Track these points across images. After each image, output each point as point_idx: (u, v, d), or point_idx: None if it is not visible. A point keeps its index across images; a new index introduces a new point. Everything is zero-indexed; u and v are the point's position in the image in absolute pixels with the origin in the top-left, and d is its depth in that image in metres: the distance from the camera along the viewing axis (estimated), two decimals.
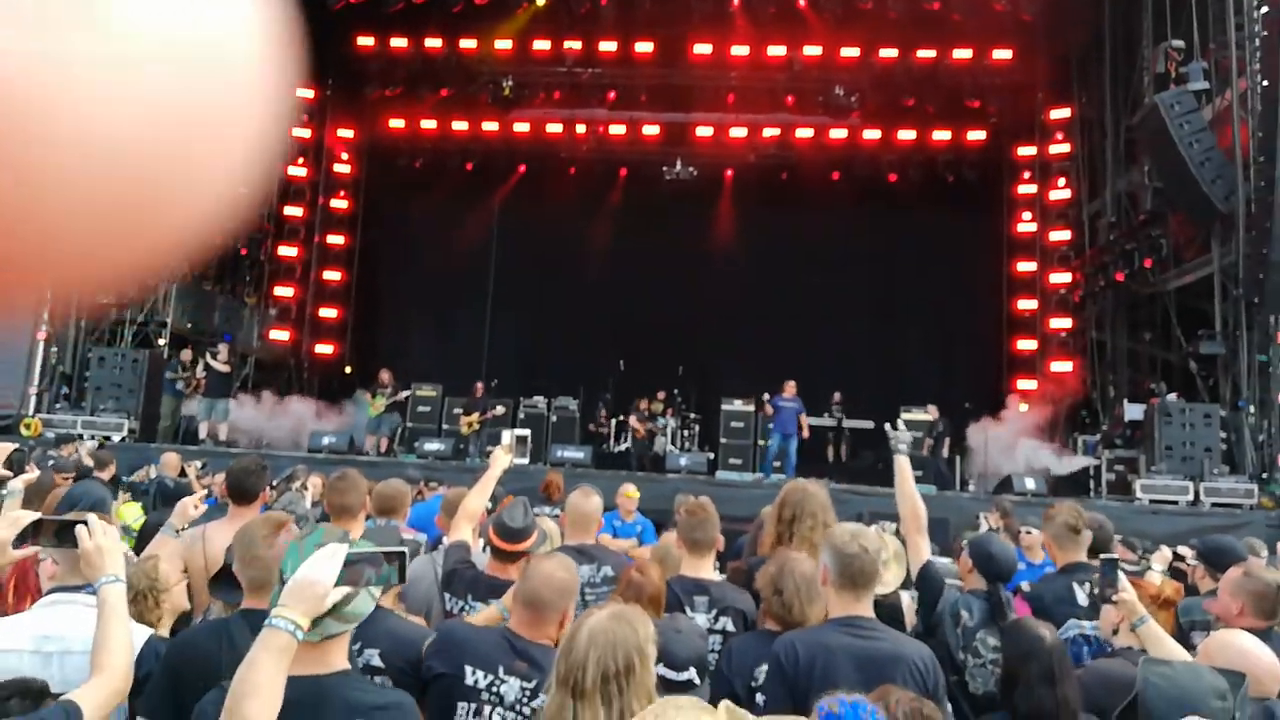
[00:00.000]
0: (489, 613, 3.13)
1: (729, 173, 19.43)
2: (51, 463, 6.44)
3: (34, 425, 13.00)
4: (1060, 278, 17.42)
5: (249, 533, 2.69)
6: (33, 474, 4.40)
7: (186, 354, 14.71)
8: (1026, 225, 18.20)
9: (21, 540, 2.37)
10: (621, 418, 16.47)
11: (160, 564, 3.14)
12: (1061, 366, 16.89)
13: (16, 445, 4.82)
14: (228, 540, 3.32)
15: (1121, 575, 3.22)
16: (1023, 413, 15.85)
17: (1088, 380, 16.35)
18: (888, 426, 4.20)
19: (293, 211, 18.91)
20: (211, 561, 3.55)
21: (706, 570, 3.89)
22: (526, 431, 4.36)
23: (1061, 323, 17.27)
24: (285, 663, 1.84)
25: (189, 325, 16.44)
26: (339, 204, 19.77)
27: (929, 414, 15.09)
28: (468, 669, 2.67)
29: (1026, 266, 18.09)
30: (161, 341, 15.58)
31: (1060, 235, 17.56)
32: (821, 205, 18.56)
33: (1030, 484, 12.69)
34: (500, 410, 14.79)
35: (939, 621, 3.59)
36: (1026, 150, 18.34)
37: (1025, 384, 17.22)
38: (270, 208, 18.47)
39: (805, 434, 14.30)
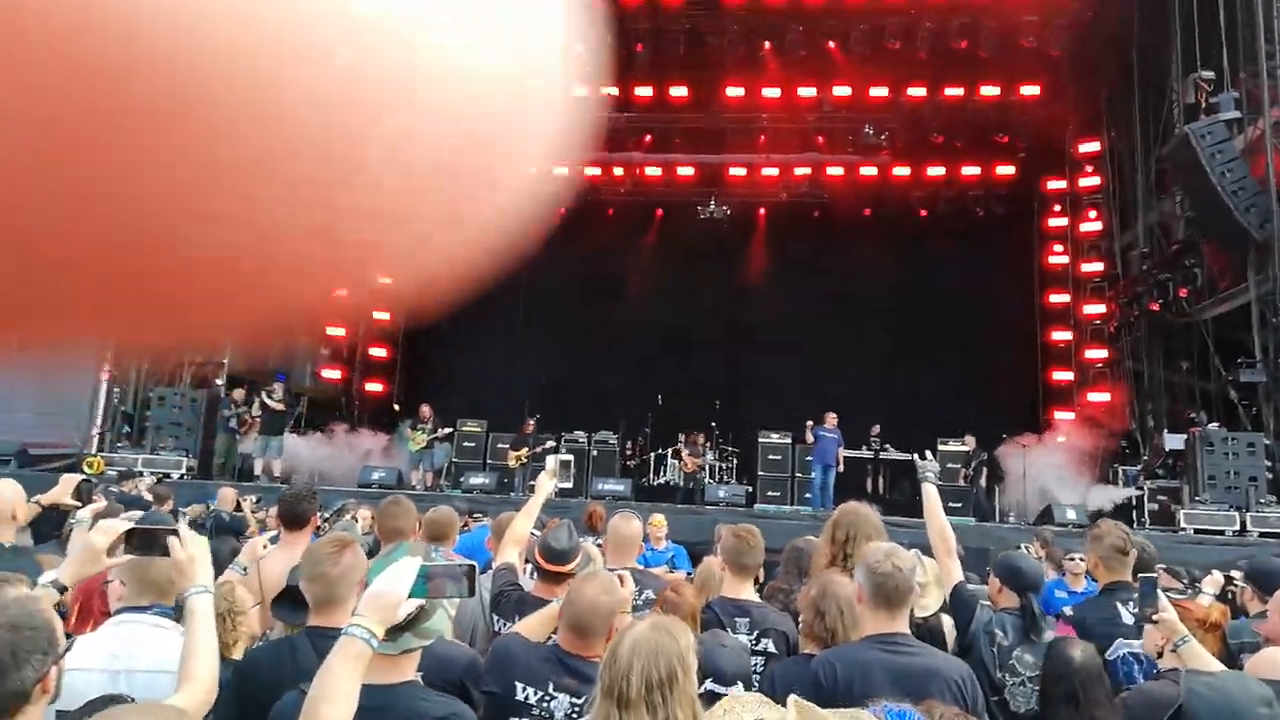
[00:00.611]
0: (549, 611, 3.17)
1: (762, 211, 19.81)
2: (115, 496, 6.70)
3: (96, 463, 13.49)
4: (1094, 309, 17.47)
5: (315, 553, 2.73)
6: (100, 504, 4.53)
7: (239, 393, 15.16)
8: (1058, 257, 18.31)
9: (115, 548, 2.38)
10: (660, 450, 16.71)
11: (236, 588, 3.23)
12: (1099, 397, 16.88)
13: (84, 476, 4.91)
14: (281, 565, 3.61)
15: (1161, 595, 3.21)
16: (1061, 443, 15.85)
17: (1126, 411, 16.32)
18: (915, 457, 4.30)
19: None
20: (267, 585, 3.65)
21: (748, 594, 3.97)
22: (570, 456, 4.63)
23: (1097, 353, 17.29)
24: (360, 670, 1.90)
25: (245, 365, 16.99)
26: None
27: (966, 445, 15.17)
28: (518, 685, 2.78)
29: (1060, 298, 18.17)
30: (219, 381, 16.11)
31: (1093, 267, 17.64)
32: (854, 241, 18.84)
33: (1071, 515, 12.73)
34: (550, 444, 15.07)
35: (974, 641, 3.60)
36: (1056, 184, 18.50)
37: (1063, 415, 17.23)
38: None
39: (840, 467, 14.50)
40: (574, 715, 2.71)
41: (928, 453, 4.43)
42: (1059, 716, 2.79)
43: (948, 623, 3.94)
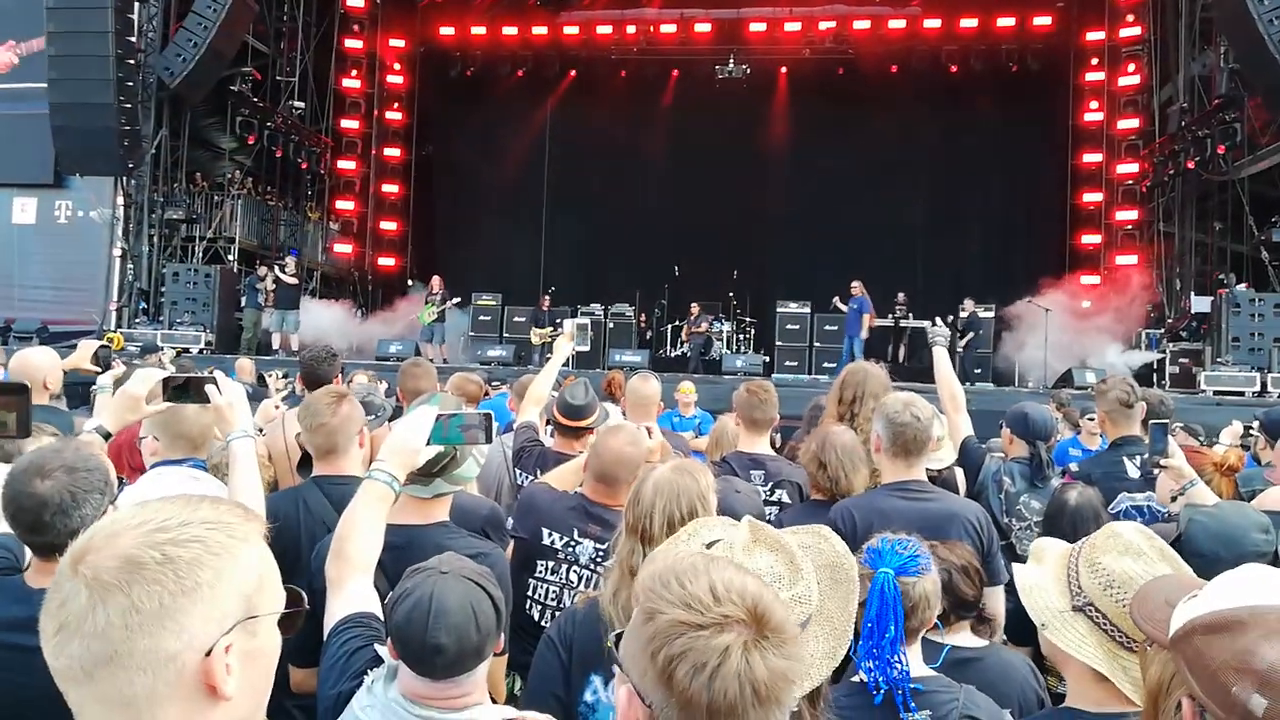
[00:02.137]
0: (576, 463, 3.29)
1: (783, 70, 18.97)
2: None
3: (116, 339, 13.67)
4: (1127, 168, 16.86)
5: (313, 403, 2.84)
6: (119, 369, 4.63)
7: (264, 269, 15.20)
8: (1093, 114, 17.54)
9: (153, 396, 2.43)
10: (678, 322, 16.65)
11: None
12: (1127, 260, 16.53)
13: (101, 341, 4.98)
14: None
15: (1171, 440, 3.23)
16: (1085, 307, 15.62)
17: (1154, 273, 16.00)
18: (926, 324, 4.31)
19: (349, 125, 19.11)
20: (291, 444, 3.75)
21: (763, 448, 4.08)
22: (587, 320, 4.57)
23: (1127, 215, 16.82)
24: (383, 509, 2.03)
25: (255, 241, 16.94)
26: (393, 116, 19.88)
27: (964, 310, 14.98)
28: (544, 531, 2.91)
29: (1093, 158, 17.51)
30: (230, 257, 16.11)
31: (1129, 124, 16.92)
32: (880, 100, 18.13)
33: (1091, 378, 12.60)
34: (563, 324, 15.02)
35: (982, 490, 3.72)
36: (1095, 35, 17.54)
37: (1089, 279, 16.89)
38: (328, 122, 18.71)
39: (865, 334, 14.45)
40: (598, 559, 2.82)
41: (938, 319, 4.46)
42: None
43: (960, 475, 4.03)
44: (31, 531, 1.96)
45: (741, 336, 16.68)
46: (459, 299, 15.81)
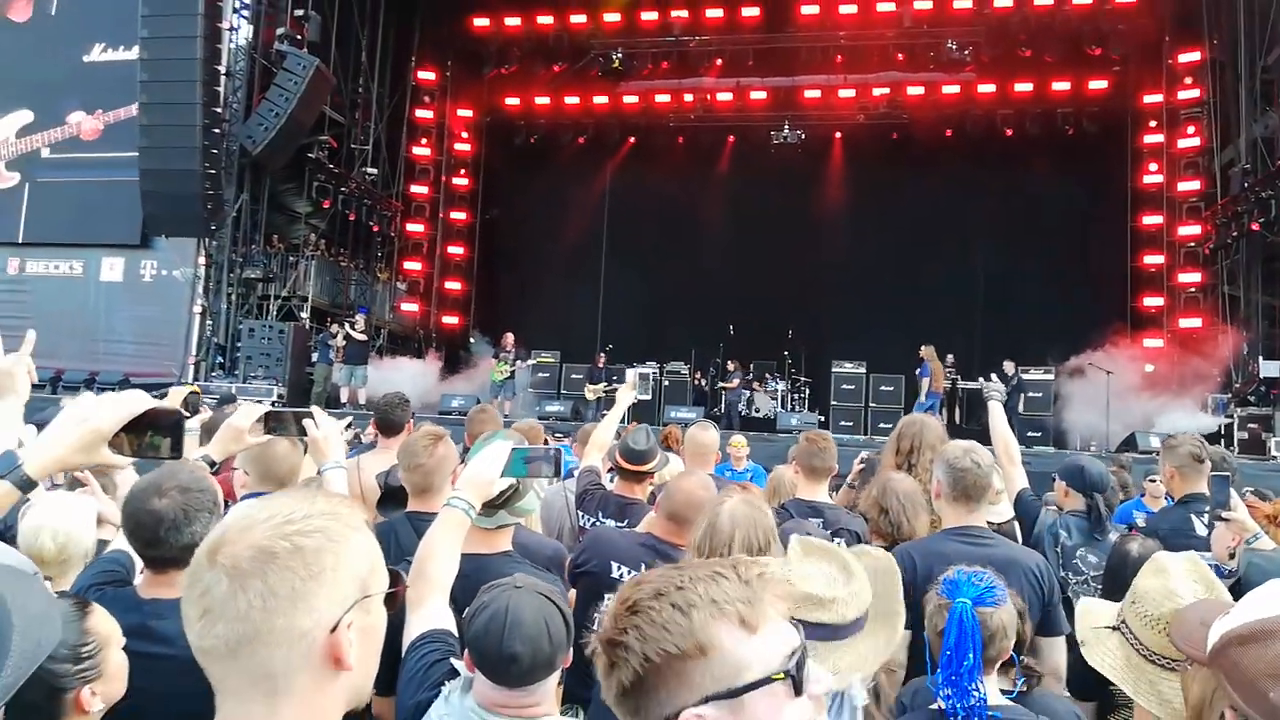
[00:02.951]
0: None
1: (838, 135, 19.26)
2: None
3: (195, 391, 14.20)
4: (1189, 230, 16.65)
5: (411, 445, 2.99)
6: (206, 414, 4.91)
7: (335, 326, 15.77)
8: (1153, 177, 17.42)
9: (254, 429, 2.56)
10: (721, 384, 16.76)
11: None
12: (1190, 323, 16.22)
13: (193, 387, 5.25)
14: (378, 468, 3.92)
15: (1234, 493, 3.18)
16: (1149, 371, 15.34)
17: (1219, 337, 15.67)
18: (981, 379, 4.35)
19: (419, 190, 19.92)
20: (366, 486, 3.96)
21: (821, 496, 4.13)
22: (649, 371, 4.74)
23: (1190, 277, 16.55)
24: (460, 536, 2.17)
25: (327, 299, 17.58)
26: (460, 182, 20.65)
27: (1049, 375, 14.82)
28: (613, 564, 3.04)
29: (1153, 220, 17.35)
30: (303, 314, 16.72)
31: (1189, 185, 16.75)
32: (934, 164, 18.25)
33: (1155, 442, 12.34)
34: (626, 373, 15.27)
35: (1038, 543, 3.65)
36: (1153, 98, 17.49)
37: (1151, 342, 16.60)
38: (399, 187, 19.50)
39: (924, 398, 14.48)
40: None
41: (992, 375, 4.48)
42: None
43: (1016, 530, 3.98)
44: (147, 545, 2.13)
45: (796, 396, 16.70)
46: (532, 363, 16.18)
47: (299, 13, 15.86)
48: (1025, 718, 2.03)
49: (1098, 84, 17.73)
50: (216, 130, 14.50)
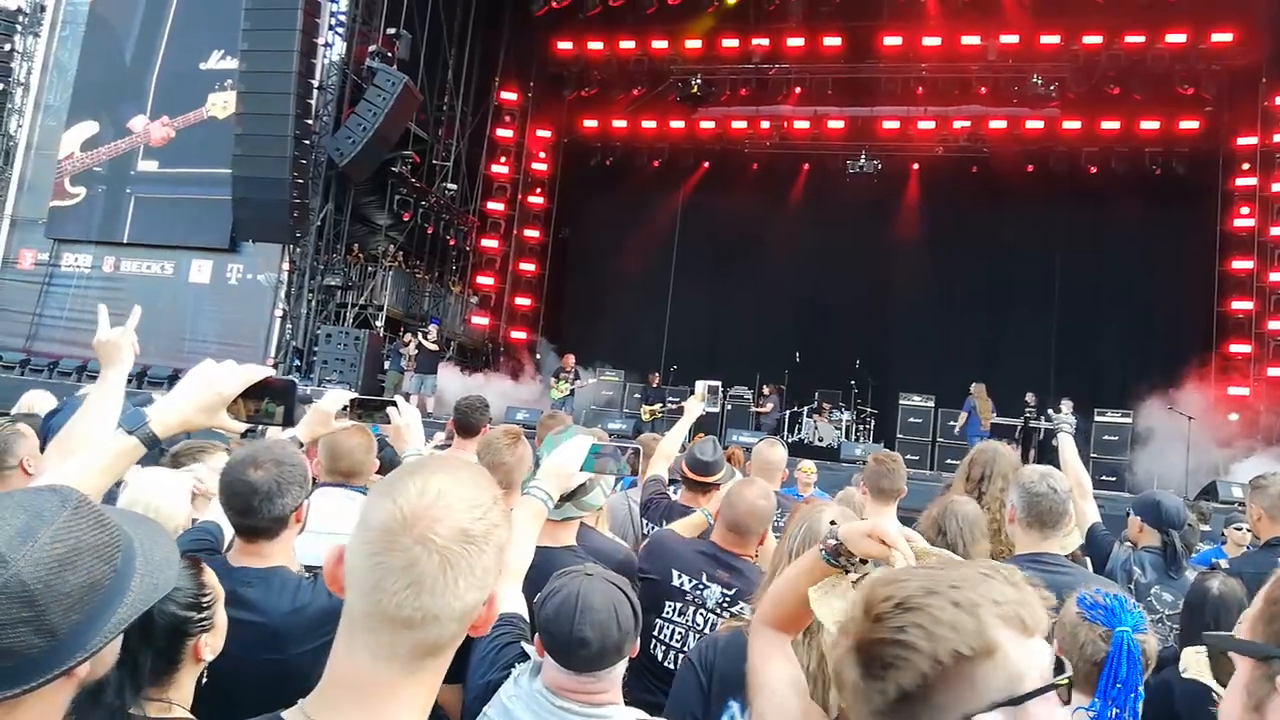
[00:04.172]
0: (694, 519, 3.51)
1: (915, 166, 19.06)
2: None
3: None
4: None
5: (494, 444, 3.08)
6: None
7: (409, 336, 16.11)
8: (1244, 220, 16.82)
9: (342, 414, 2.63)
10: (796, 408, 16.63)
11: None
12: (1279, 372, 15.59)
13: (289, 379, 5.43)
14: None
15: None
16: (1232, 421, 14.77)
17: None
18: (1050, 411, 4.27)
19: (495, 207, 20.32)
20: None
21: (888, 518, 4.09)
22: (718, 383, 4.76)
23: None
24: (538, 525, 2.25)
25: (401, 309, 18.00)
26: (535, 200, 21.00)
27: (1127, 418, 14.39)
28: (674, 573, 3.06)
29: (1242, 264, 16.75)
30: (378, 323, 17.14)
31: None
32: (1014, 200, 17.96)
33: (1237, 492, 11.88)
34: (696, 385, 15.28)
35: (1110, 579, 3.54)
36: (1247, 140, 16.93)
37: (1237, 390, 15.98)
38: (476, 203, 19.94)
39: (959, 432, 14.27)
40: (724, 604, 2.95)
41: (1061, 406, 4.40)
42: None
43: (1088, 565, 3.91)
44: (241, 514, 2.24)
45: (861, 427, 16.49)
46: (594, 381, 16.32)
47: (391, 31, 16.35)
48: None
49: (1189, 124, 17.26)
50: (307, 141, 15.03)
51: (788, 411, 16.75)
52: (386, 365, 15.97)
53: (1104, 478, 13.74)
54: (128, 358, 2.08)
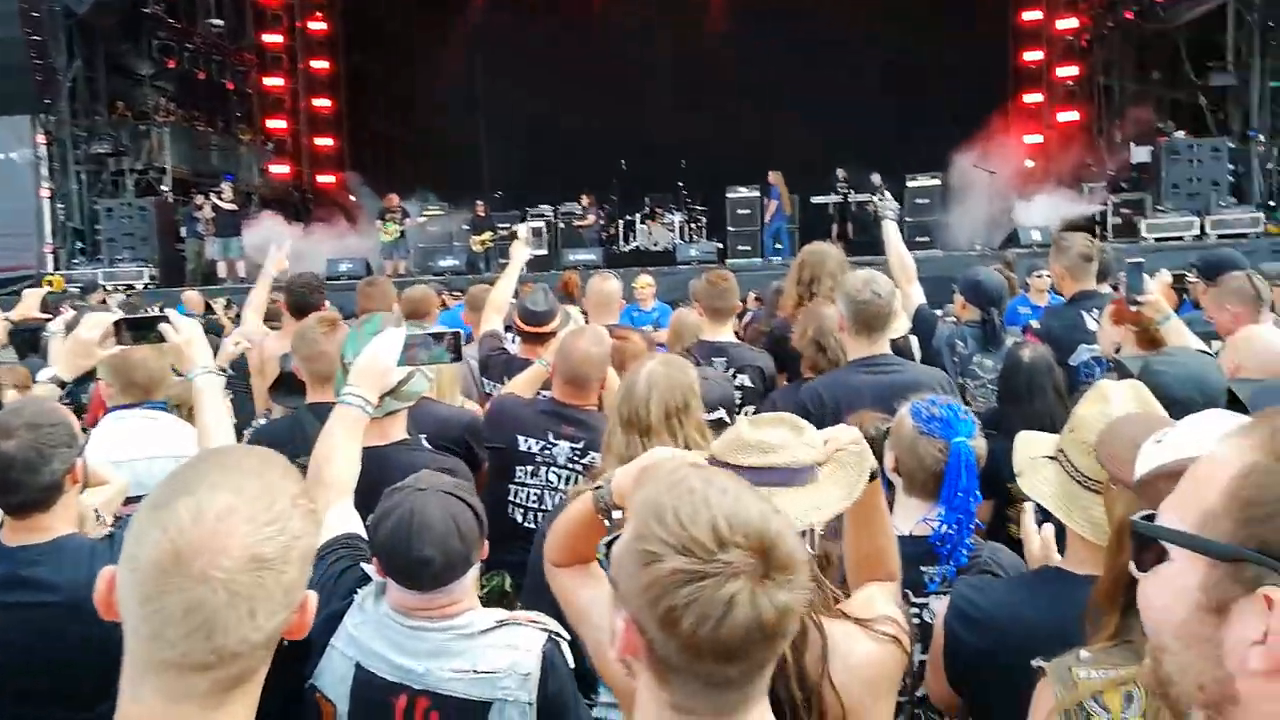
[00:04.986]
0: (534, 372, 3.39)
1: None
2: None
3: (57, 282, 13.26)
4: (1067, 23, 16.76)
5: (307, 332, 2.89)
6: (69, 314, 4.53)
7: (200, 198, 14.81)
8: None
9: (106, 340, 2.33)
10: (629, 216, 16.52)
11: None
12: (1068, 116, 16.59)
13: (53, 279, 5.00)
14: (282, 349, 3.65)
15: (1146, 277, 3.20)
16: (1028, 167, 15.73)
17: (1094, 128, 16.10)
18: (874, 198, 4.35)
19: (272, 39, 18.37)
20: (268, 364, 3.81)
21: (726, 336, 4.14)
22: (541, 224, 4.59)
23: (1068, 70, 16.80)
24: (358, 433, 2.08)
25: (188, 169, 16.42)
26: (316, 25, 19.06)
27: (935, 180, 15.02)
28: (520, 438, 3.00)
29: (1032, 15, 17.37)
30: (164, 187, 15.65)
31: None
32: None
33: (1036, 236, 12.82)
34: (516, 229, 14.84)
35: (936, 355, 3.83)
36: None
37: (1031, 138, 16.96)
38: (249, 38, 17.91)
39: (769, 219, 14.97)
40: (575, 458, 2.93)
41: (885, 193, 4.49)
42: (1009, 411, 3.00)
43: (914, 343, 4.11)
44: (2, 492, 1.96)
45: (694, 225, 16.58)
46: (424, 220, 15.59)
47: None
48: (985, 548, 2.14)
49: None
50: None
51: (622, 221, 16.63)
52: (183, 233, 14.71)
53: (918, 238, 14.39)
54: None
